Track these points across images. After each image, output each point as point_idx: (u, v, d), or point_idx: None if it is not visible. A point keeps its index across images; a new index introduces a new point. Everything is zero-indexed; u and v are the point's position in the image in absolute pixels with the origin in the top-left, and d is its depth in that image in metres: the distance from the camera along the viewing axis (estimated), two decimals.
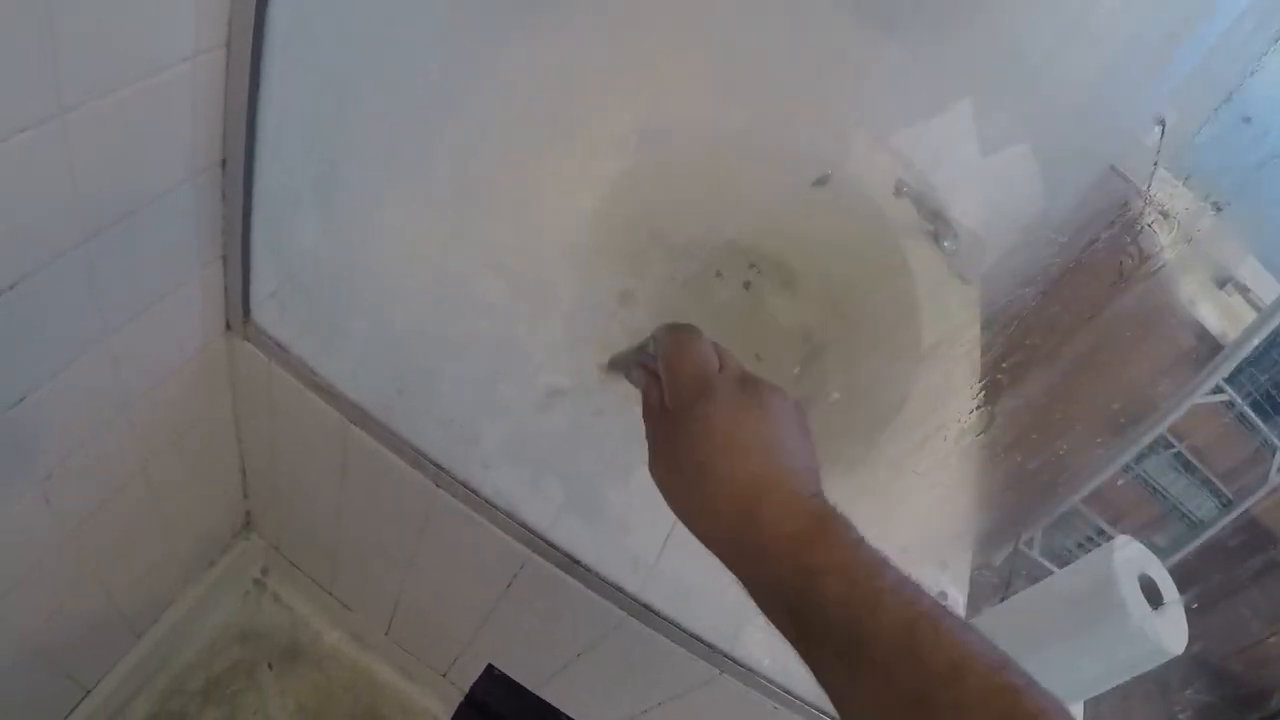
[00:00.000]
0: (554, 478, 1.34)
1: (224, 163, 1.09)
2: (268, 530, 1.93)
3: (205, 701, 1.90)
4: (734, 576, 0.64)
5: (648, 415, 0.74)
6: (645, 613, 1.29)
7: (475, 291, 1.41)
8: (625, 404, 1.35)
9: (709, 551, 0.66)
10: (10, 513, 1.10)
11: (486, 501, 1.28)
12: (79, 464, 1.18)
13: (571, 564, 1.28)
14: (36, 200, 0.83)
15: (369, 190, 1.29)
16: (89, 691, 1.70)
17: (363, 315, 1.37)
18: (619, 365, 0.82)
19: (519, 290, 1.47)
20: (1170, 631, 1.12)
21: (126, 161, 0.93)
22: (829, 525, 0.62)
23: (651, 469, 0.70)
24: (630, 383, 0.81)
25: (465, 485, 1.28)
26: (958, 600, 1.73)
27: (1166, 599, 1.15)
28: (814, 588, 0.58)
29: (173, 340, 1.25)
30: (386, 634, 1.92)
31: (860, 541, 0.61)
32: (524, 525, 1.27)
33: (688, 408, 0.68)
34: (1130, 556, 1.17)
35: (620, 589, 1.28)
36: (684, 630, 1.30)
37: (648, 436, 0.72)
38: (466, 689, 1.86)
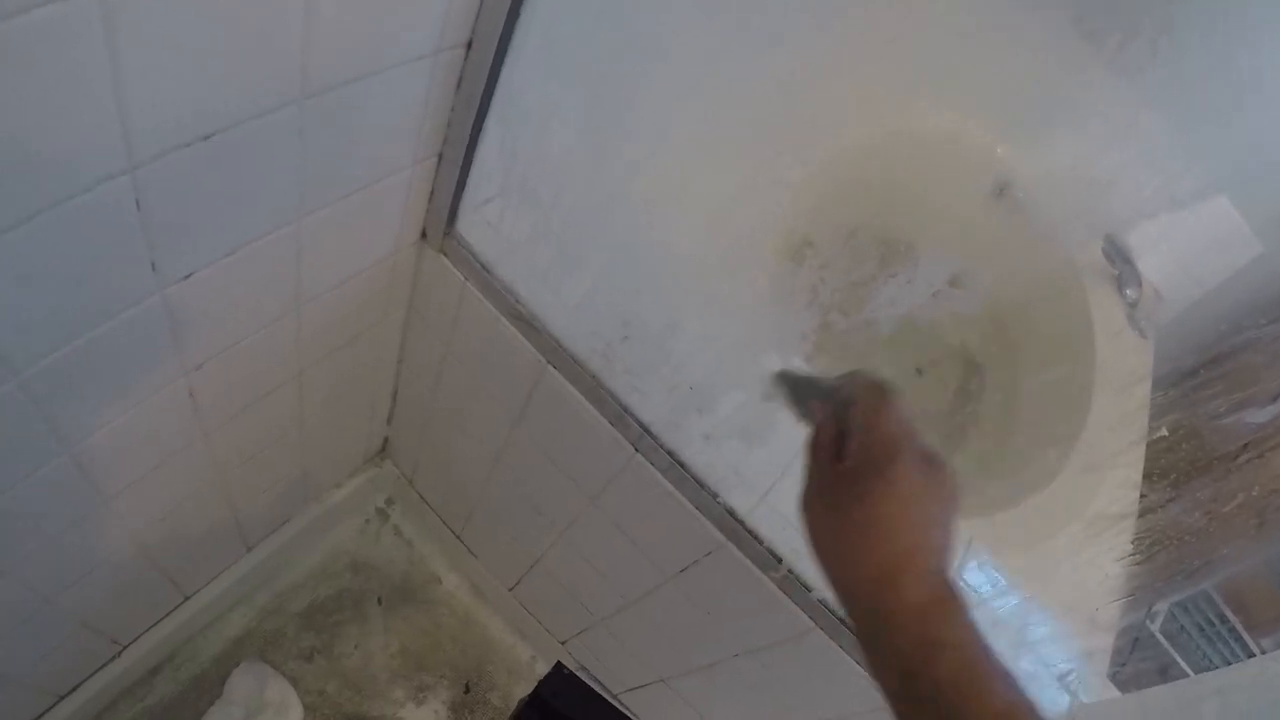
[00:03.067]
0: (762, 468, 1.19)
1: (470, 44, 0.95)
2: (404, 460, 1.82)
3: (304, 625, 1.82)
4: (853, 626, 0.68)
5: (815, 452, 0.76)
6: (840, 628, 1.15)
7: (750, 248, 1.28)
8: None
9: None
10: (153, 399, 0.99)
11: (693, 477, 1.14)
12: (234, 359, 1.06)
13: (771, 560, 1.14)
14: (268, 38, 0.71)
15: (649, 113, 1.16)
16: (188, 597, 1.63)
17: (602, 248, 1.23)
18: (791, 387, 0.84)
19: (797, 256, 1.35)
20: None
21: (368, 19, 0.79)
22: (954, 603, 0.65)
23: (804, 505, 0.73)
24: (793, 408, 0.84)
25: (672, 455, 1.14)
26: (1102, 663, 1.60)
27: None
28: (931, 660, 0.61)
29: (363, 239, 1.13)
30: (511, 590, 1.81)
31: (974, 625, 0.64)
32: (730, 511, 1.14)
33: (873, 466, 0.69)
34: None
35: (823, 601, 1.14)
36: None
37: (808, 471, 0.75)
38: (584, 662, 1.76)
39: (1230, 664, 2.83)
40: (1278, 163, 2.21)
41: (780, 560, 1.13)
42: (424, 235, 1.22)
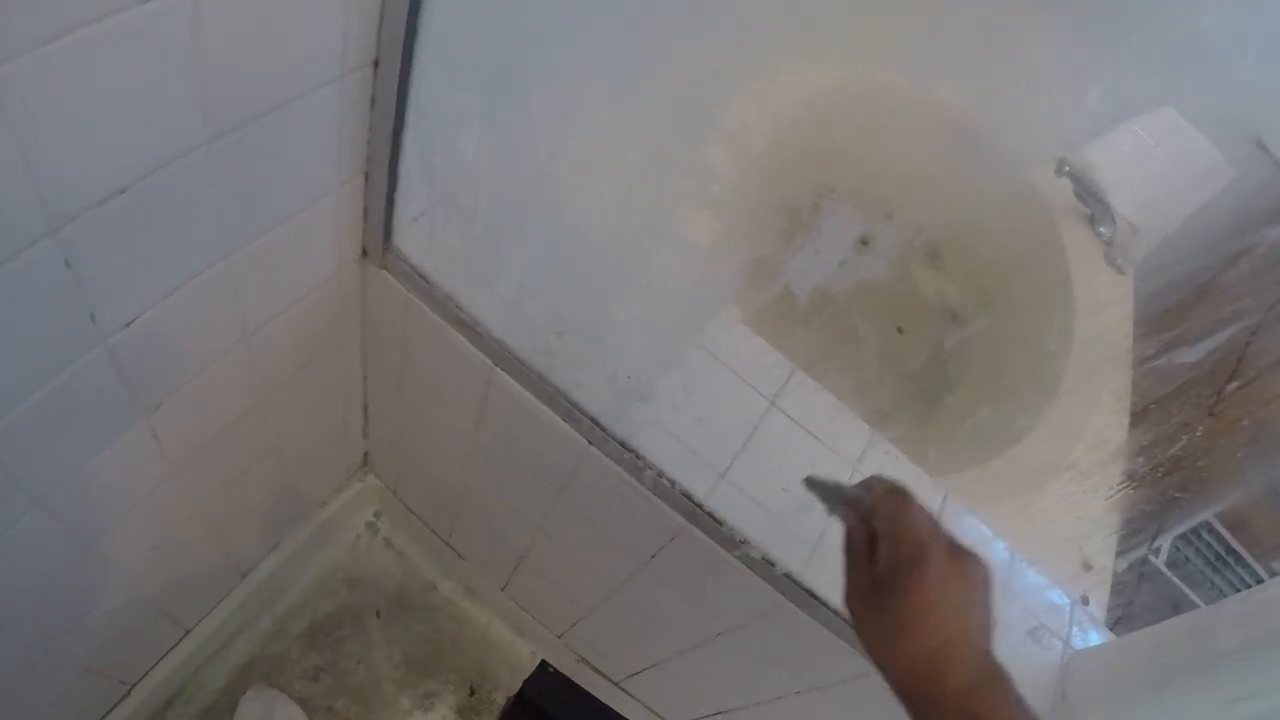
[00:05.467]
0: (720, 447, 1.21)
1: (377, 63, 0.96)
2: (385, 472, 1.84)
3: (308, 646, 1.84)
4: (903, 710, 0.72)
5: (851, 556, 0.82)
6: (809, 599, 1.16)
7: (668, 227, 1.29)
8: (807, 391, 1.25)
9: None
10: (115, 444, 1.00)
11: (646, 464, 1.15)
12: (192, 394, 1.07)
13: (734, 540, 1.15)
14: (162, 89, 0.71)
15: (550, 103, 1.16)
16: (189, 631, 1.65)
17: (526, 245, 1.24)
18: (820, 492, 0.89)
19: (724, 228, 1.36)
20: None
21: (264, 53, 0.79)
22: (998, 685, 0.70)
23: (849, 602, 0.80)
24: (827, 509, 0.89)
25: (623, 445, 1.16)
26: (1100, 606, 1.60)
27: None
28: None
29: (301, 264, 1.14)
30: (503, 590, 1.83)
31: (1020, 701, 0.69)
32: (686, 495, 1.15)
33: (903, 567, 0.75)
34: None
35: (788, 575, 1.15)
36: (847, 621, 1.17)
37: (847, 571, 0.81)
38: (582, 654, 1.78)
39: (1240, 591, 2.85)
40: (1244, 86, 2.21)
41: (743, 540, 1.15)
42: (365, 253, 1.23)
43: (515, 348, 1.18)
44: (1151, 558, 2.95)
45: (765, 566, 1.15)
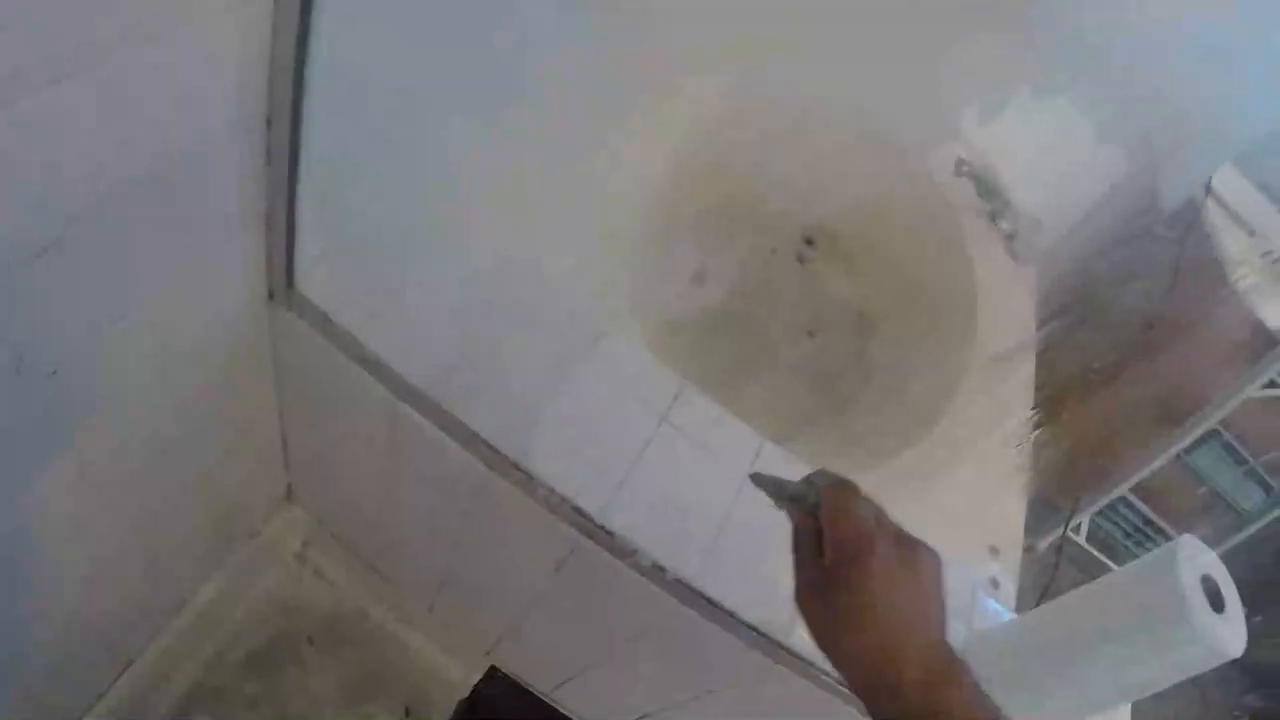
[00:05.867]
0: (607, 464, 1.29)
1: (269, 121, 1.04)
2: (310, 503, 1.90)
3: (246, 675, 1.88)
4: (862, 707, 0.73)
5: (799, 550, 0.81)
6: (699, 600, 1.24)
7: (544, 263, 1.36)
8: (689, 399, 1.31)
9: (795, 610, 0.78)
10: (42, 484, 1.06)
11: (540, 484, 1.23)
12: (114, 435, 1.14)
13: (626, 550, 1.23)
14: (68, 154, 0.79)
15: (431, 150, 1.24)
16: (130, 663, 1.69)
17: (417, 284, 1.32)
18: (767, 489, 0.87)
19: (590, 263, 1.43)
20: (1231, 635, 1.10)
21: (161, 115, 0.87)
22: (954, 674, 0.71)
23: (799, 600, 0.79)
24: (775, 505, 0.86)
25: (517, 466, 1.23)
26: (1009, 589, 1.71)
27: (1229, 601, 1.11)
28: None
29: (212, 308, 1.21)
30: (430, 611, 1.89)
31: (977, 687, 0.70)
32: (577, 509, 1.23)
33: (847, 563, 0.75)
34: (1194, 557, 1.12)
35: (679, 579, 1.24)
36: (741, 621, 1.26)
37: (796, 568, 0.80)
38: (510, 668, 1.84)
39: None
40: (1132, 98, 2.34)
41: (634, 550, 1.22)
42: (271, 295, 1.29)
43: (415, 381, 1.26)
44: (1072, 535, 3.03)
45: (656, 573, 1.23)
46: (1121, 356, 2.60)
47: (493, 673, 1.82)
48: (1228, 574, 1.15)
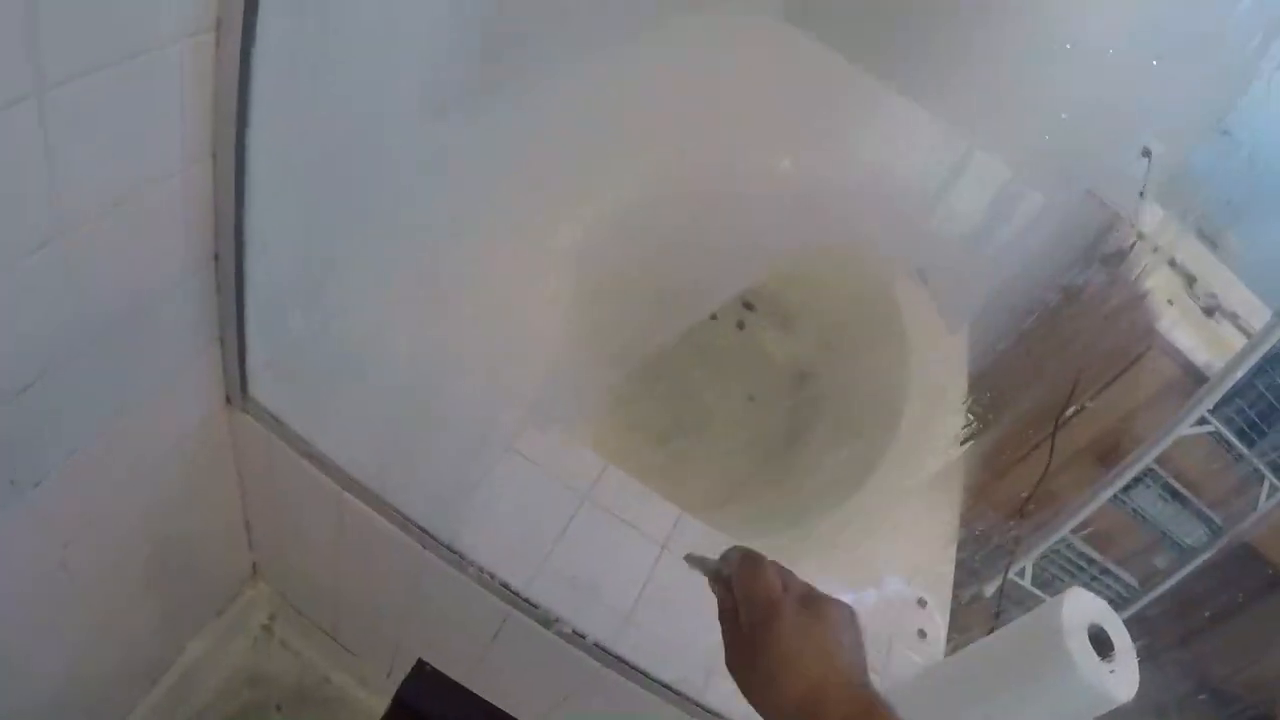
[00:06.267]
0: (533, 541, 1.43)
1: (217, 257, 1.20)
2: (274, 579, 2.02)
3: None
4: None
5: (724, 620, 0.87)
6: (619, 663, 1.38)
7: (469, 359, 1.51)
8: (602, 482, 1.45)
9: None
10: (30, 578, 1.21)
11: (470, 562, 1.37)
12: (94, 532, 1.29)
13: (549, 620, 1.37)
14: (49, 307, 0.95)
15: (352, 280, 1.39)
16: None
17: (354, 389, 1.47)
18: (697, 566, 0.95)
19: (495, 368, 1.57)
20: (1119, 682, 1.17)
21: (127, 267, 1.04)
22: (876, 713, 0.75)
23: (729, 665, 0.84)
24: (707, 579, 0.93)
25: (451, 549, 1.38)
26: (938, 638, 1.80)
27: (1117, 648, 1.19)
28: None
29: (178, 414, 1.36)
30: (388, 676, 2.01)
31: None
32: (505, 585, 1.37)
33: (759, 625, 0.82)
34: (1080, 607, 1.20)
35: (598, 644, 1.38)
36: (656, 680, 1.40)
37: (724, 637, 0.86)
38: None
39: (1114, 602, 3.01)
40: (1052, 147, 2.30)
41: (557, 619, 1.37)
42: (229, 400, 1.43)
43: (355, 474, 1.41)
44: (1018, 579, 3.08)
45: (577, 639, 1.37)
46: (1058, 405, 2.70)
47: (421, 666, 1.87)
48: (1120, 622, 1.24)
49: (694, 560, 0.96)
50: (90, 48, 0.81)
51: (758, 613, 0.83)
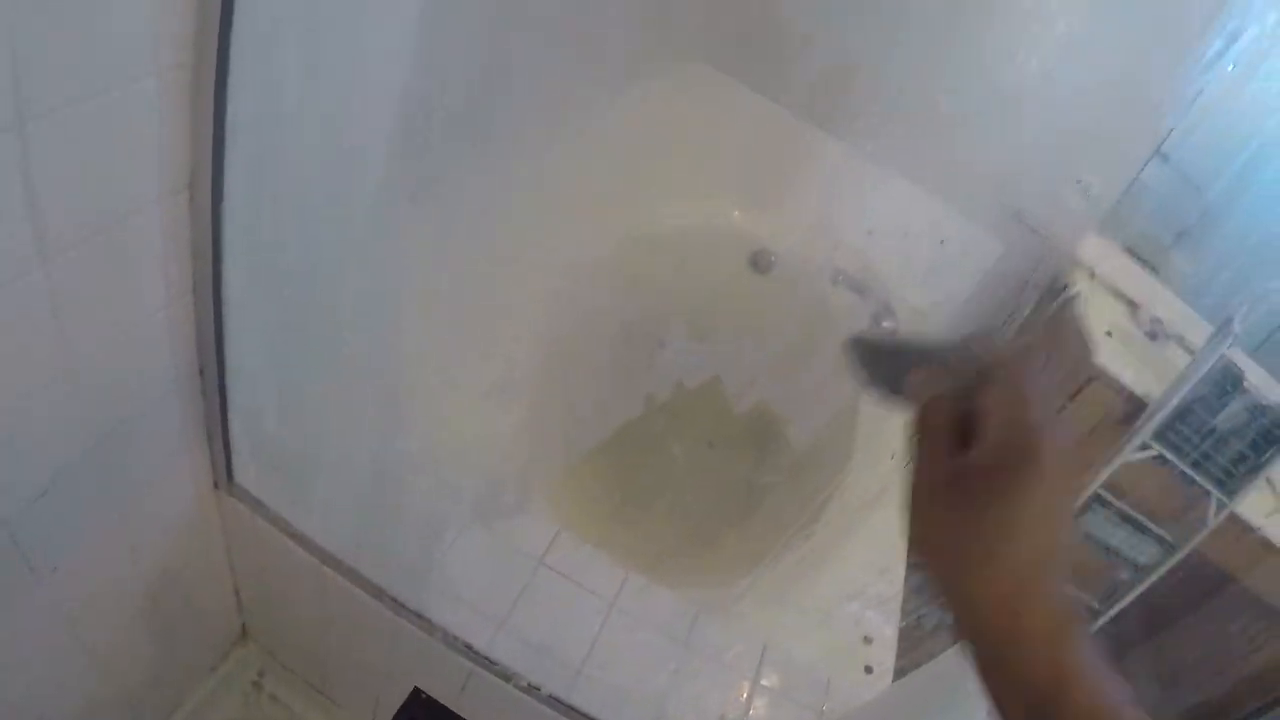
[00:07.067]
0: (493, 604, 1.60)
1: (202, 371, 1.38)
2: (262, 638, 2.17)
3: None
4: (969, 652, 0.61)
5: (929, 438, 0.65)
6: (573, 712, 1.55)
7: (416, 461, 1.67)
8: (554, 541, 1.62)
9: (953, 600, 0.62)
10: (44, 645, 1.39)
11: (437, 626, 1.54)
12: (99, 604, 1.46)
13: (508, 675, 1.54)
14: (62, 425, 1.14)
15: (322, 383, 1.55)
16: None
17: (328, 475, 1.63)
18: (866, 359, 0.72)
19: (459, 454, 1.72)
20: None
21: (126, 384, 1.24)
22: (1079, 626, 0.59)
23: (916, 502, 0.64)
24: (875, 385, 0.72)
25: (418, 614, 1.55)
26: (885, 673, 1.92)
27: None
28: (1063, 694, 0.56)
29: (173, 500, 1.54)
30: None
31: (1099, 647, 0.58)
32: (468, 646, 1.54)
33: (1019, 457, 0.60)
34: None
35: (553, 695, 1.56)
36: None
37: (918, 460, 0.65)
38: None
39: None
40: (994, 182, 2.44)
41: (514, 674, 1.53)
42: (217, 485, 1.60)
43: (332, 550, 1.58)
44: None
45: (533, 691, 1.54)
46: None
47: (416, 695, 1.99)
48: None
49: (862, 347, 0.72)
50: (84, 211, 1.00)
51: (1020, 438, 0.60)
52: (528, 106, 1.93)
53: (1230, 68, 1.94)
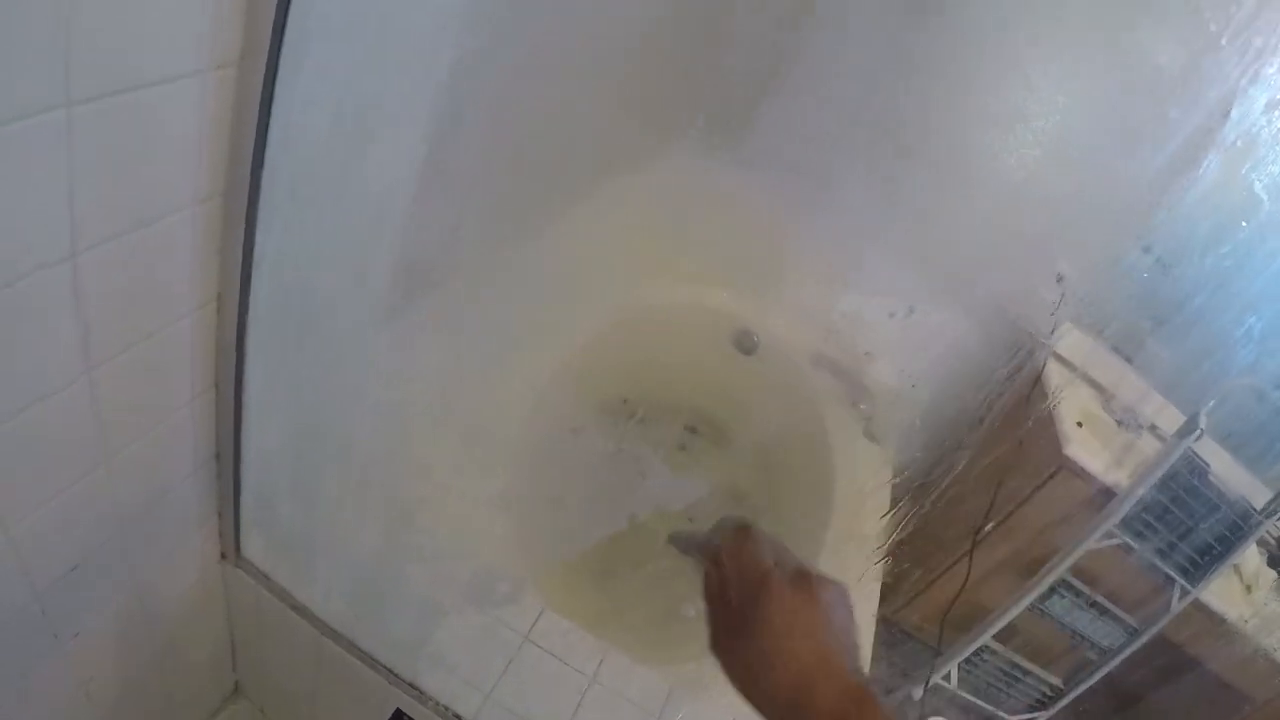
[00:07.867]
0: (481, 676, 1.70)
1: (218, 456, 1.50)
2: (254, 696, 2.25)
3: None
4: None
5: (709, 598, 0.83)
6: None
7: (412, 549, 1.78)
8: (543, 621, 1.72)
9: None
10: (61, 706, 1.48)
11: (428, 697, 1.65)
12: (111, 665, 1.56)
13: None
14: (94, 509, 1.25)
15: (328, 471, 1.66)
16: None
17: (329, 550, 1.74)
18: (679, 544, 0.91)
19: (454, 538, 1.83)
20: None
21: (150, 470, 1.34)
22: (866, 706, 0.70)
23: (713, 647, 0.81)
24: (688, 559, 0.90)
25: (413, 685, 1.65)
26: None
27: None
28: None
29: (184, 571, 1.64)
30: None
31: (893, 715, 0.73)
32: (457, 716, 1.64)
33: (748, 601, 0.77)
34: None
35: None
36: None
37: (709, 616, 0.82)
38: None
39: (1040, 700, 3.18)
40: (974, 271, 2.55)
41: None
42: (224, 557, 1.71)
43: (331, 622, 1.68)
44: (944, 682, 3.21)
45: None
46: (976, 519, 2.88)
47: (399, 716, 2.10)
48: None
49: (678, 539, 0.92)
50: (126, 326, 1.12)
51: (748, 588, 0.78)
52: (520, 196, 2.04)
53: (1213, 161, 1.97)
